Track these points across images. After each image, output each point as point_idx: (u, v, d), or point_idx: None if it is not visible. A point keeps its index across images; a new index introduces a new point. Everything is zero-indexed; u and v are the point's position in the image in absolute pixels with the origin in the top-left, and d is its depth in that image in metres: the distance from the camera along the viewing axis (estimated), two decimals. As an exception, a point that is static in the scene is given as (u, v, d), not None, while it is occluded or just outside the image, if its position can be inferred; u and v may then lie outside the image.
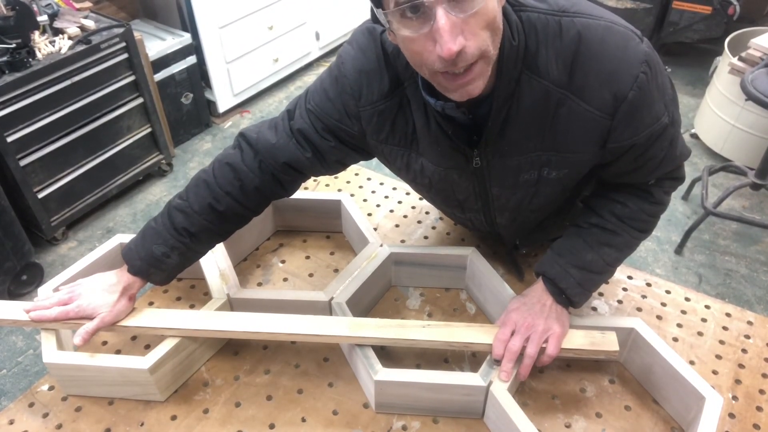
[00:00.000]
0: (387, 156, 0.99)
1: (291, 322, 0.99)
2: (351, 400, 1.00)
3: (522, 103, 0.84)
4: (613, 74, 0.80)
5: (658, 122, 0.86)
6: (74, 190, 2.49)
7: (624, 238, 0.98)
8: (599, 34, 0.80)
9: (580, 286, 0.97)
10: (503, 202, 0.99)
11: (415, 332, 0.96)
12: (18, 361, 2.11)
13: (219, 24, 2.96)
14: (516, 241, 1.16)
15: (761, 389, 1.00)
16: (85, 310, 0.97)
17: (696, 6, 3.28)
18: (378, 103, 0.91)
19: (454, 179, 0.97)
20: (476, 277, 1.13)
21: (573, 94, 0.82)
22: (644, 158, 0.90)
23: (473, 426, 0.96)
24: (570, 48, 0.80)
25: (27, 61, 2.12)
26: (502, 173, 0.93)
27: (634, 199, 0.98)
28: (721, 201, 2.45)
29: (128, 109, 2.56)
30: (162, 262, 0.98)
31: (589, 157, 0.89)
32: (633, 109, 0.82)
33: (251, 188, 0.99)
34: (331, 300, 1.05)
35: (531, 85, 0.82)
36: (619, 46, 0.80)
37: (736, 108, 2.74)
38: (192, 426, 0.96)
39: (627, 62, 0.80)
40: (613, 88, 0.80)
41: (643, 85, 0.81)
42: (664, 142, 0.90)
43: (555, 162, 0.89)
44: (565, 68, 0.81)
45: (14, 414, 0.98)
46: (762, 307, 2.27)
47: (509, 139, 0.88)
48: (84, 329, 0.96)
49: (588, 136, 0.85)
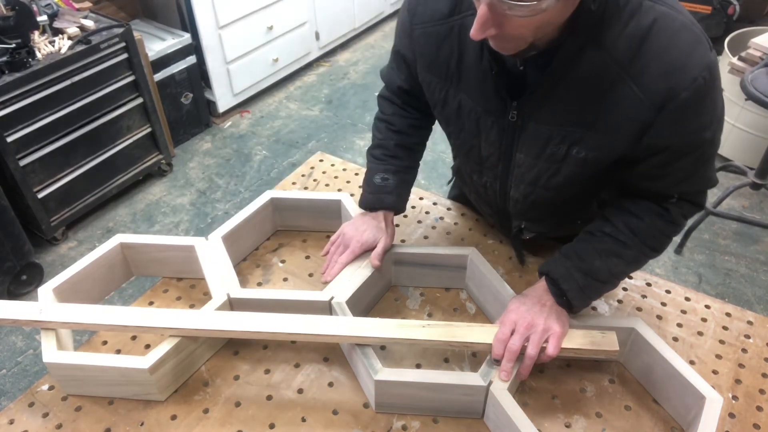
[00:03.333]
0: (428, 87, 1.01)
1: (291, 322, 0.98)
2: (351, 400, 1.00)
3: (578, 72, 0.83)
4: (674, 69, 0.79)
5: (700, 133, 0.85)
6: (74, 190, 2.49)
7: (634, 253, 0.96)
8: (675, 27, 0.79)
9: (581, 291, 0.96)
10: (523, 171, 0.98)
11: (415, 332, 0.96)
12: (18, 361, 2.11)
13: (219, 24, 2.96)
14: (522, 224, 1.14)
15: (761, 389, 1.00)
16: (366, 242, 1.11)
17: (696, 6, 3.28)
18: (428, 24, 0.94)
19: (487, 126, 0.96)
20: (476, 277, 1.13)
21: (630, 75, 0.81)
22: (674, 167, 0.89)
23: (473, 426, 0.96)
24: (642, 31, 0.79)
25: (27, 61, 2.12)
26: (533, 138, 0.92)
27: (650, 214, 0.96)
28: (721, 201, 2.45)
29: (128, 109, 2.56)
30: (384, 187, 1.13)
31: (623, 145, 0.87)
32: (681, 109, 0.81)
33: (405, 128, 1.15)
34: (331, 300, 1.04)
35: (593, 56, 0.81)
36: (688, 44, 0.79)
37: (736, 108, 2.74)
38: (192, 426, 0.96)
39: (691, 62, 0.79)
40: (670, 82, 0.79)
41: (699, 90, 0.79)
42: (699, 158, 0.88)
43: (587, 141, 0.88)
44: (631, 49, 0.80)
45: (14, 414, 0.98)
46: (762, 307, 2.27)
47: (552, 103, 0.87)
48: (375, 252, 1.10)
49: (630, 122, 0.84)
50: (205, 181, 2.93)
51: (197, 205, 2.80)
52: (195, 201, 2.82)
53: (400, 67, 1.08)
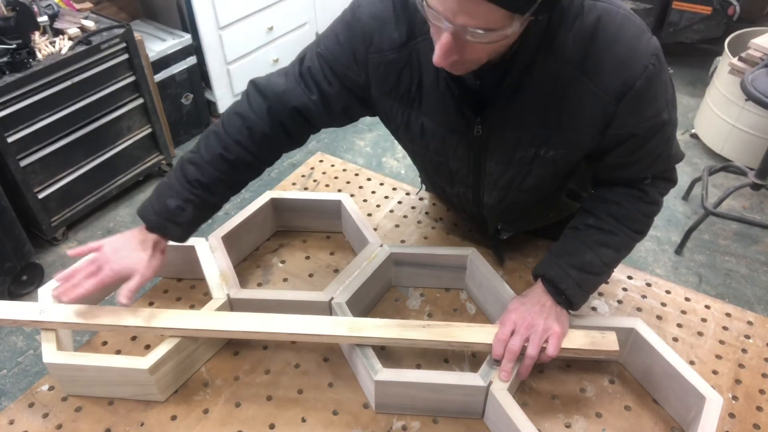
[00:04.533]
0: (388, 112, 0.99)
1: (291, 322, 0.98)
2: (351, 400, 1.00)
3: (534, 77, 0.85)
4: (625, 61, 0.82)
5: (658, 116, 0.88)
6: (74, 191, 2.49)
7: (621, 238, 0.98)
8: (618, 21, 0.83)
9: (579, 287, 0.97)
10: (495, 178, 1.00)
11: (415, 332, 0.96)
12: (18, 361, 2.11)
13: (219, 24, 2.96)
14: (498, 225, 1.17)
15: (761, 389, 1.00)
16: (121, 272, 0.96)
17: (696, 6, 3.28)
18: (387, 53, 0.92)
19: (452, 144, 0.97)
20: (476, 278, 1.13)
21: (584, 75, 0.84)
22: (641, 152, 0.92)
23: (473, 426, 0.96)
24: (588, 30, 0.82)
25: (27, 61, 2.12)
26: (500, 147, 0.94)
27: (629, 198, 0.98)
28: (721, 201, 2.45)
29: (128, 110, 2.56)
30: (177, 215, 0.98)
31: (588, 141, 0.90)
32: (638, 98, 0.84)
33: (260, 136, 0.99)
34: (331, 300, 1.05)
35: (546, 61, 0.84)
36: (634, 36, 0.83)
37: (736, 108, 2.74)
38: (192, 426, 0.96)
39: (640, 52, 0.82)
40: (623, 75, 0.83)
41: (651, 77, 0.83)
42: (661, 139, 0.91)
43: (554, 141, 0.91)
44: (580, 49, 0.82)
45: (14, 414, 0.98)
46: (762, 307, 2.27)
47: (514, 111, 0.89)
48: (126, 288, 0.94)
49: (592, 117, 0.87)
50: (205, 181, 2.93)
51: (197, 205, 2.79)
52: (195, 201, 2.81)
53: (311, 89, 0.97)
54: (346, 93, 0.98)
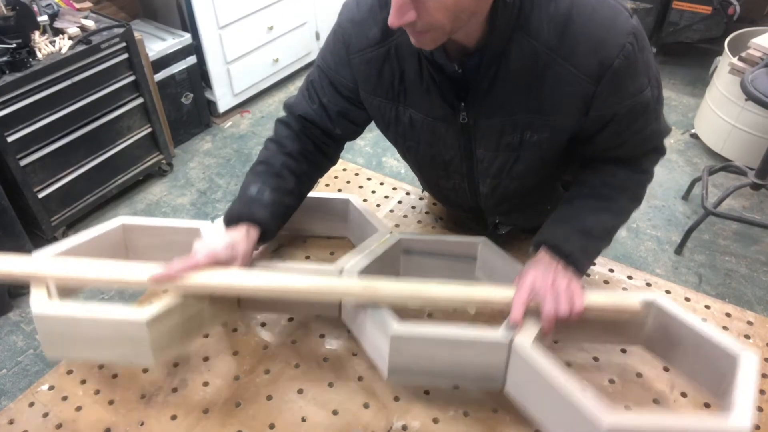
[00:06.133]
0: (376, 110, 1.02)
1: (306, 279, 0.93)
2: (351, 400, 1.00)
3: (511, 62, 0.86)
4: (601, 42, 0.84)
5: (640, 94, 0.89)
6: (74, 190, 2.49)
7: (619, 204, 1.00)
8: (591, 3, 0.84)
9: (583, 250, 0.96)
10: (486, 165, 1.01)
11: (434, 289, 0.92)
12: (18, 360, 2.11)
13: (219, 24, 2.96)
14: (496, 219, 1.17)
15: (761, 389, 1.00)
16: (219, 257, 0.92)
17: (696, 6, 3.28)
18: (366, 51, 0.96)
19: (442, 133, 0.99)
20: (487, 267, 1.10)
21: (561, 57, 0.85)
22: (629, 132, 0.93)
23: (475, 426, 0.96)
24: (562, 13, 0.83)
25: (27, 61, 2.12)
26: (487, 133, 0.95)
27: (622, 169, 1.00)
28: (721, 201, 2.45)
29: (128, 109, 2.56)
30: (260, 199, 0.99)
31: (572, 123, 0.92)
32: (617, 77, 0.85)
33: (296, 153, 1.06)
34: (341, 272, 1.01)
35: (521, 45, 0.85)
36: (608, 17, 0.84)
37: (736, 108, 2.74)
38: (192, 426, 0.96)
39: (615, 32, 0.83)
40: (600, 55, 0.84)
41: (629, 55, 0.84)
42: (648, 117, 0.93)
43: (537, 124, 0.92)
44: (556, 31, 0.84)
45: (14, 414, 0.98)
46: (762, 307, 2.27)
47: (496, 97, 0.90)
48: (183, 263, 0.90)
49: (573, 99, 0.88)
50: (205, 181, 2.94)
51: (197, 205, 2.80)
52: (195, 201, 2.82)
53: (313, 98, 1.05)
54: (339, 98, 1.04)
